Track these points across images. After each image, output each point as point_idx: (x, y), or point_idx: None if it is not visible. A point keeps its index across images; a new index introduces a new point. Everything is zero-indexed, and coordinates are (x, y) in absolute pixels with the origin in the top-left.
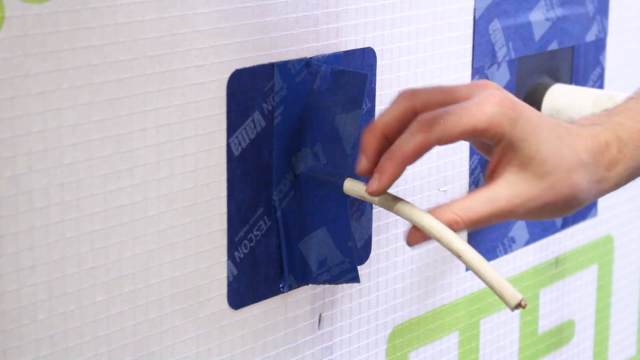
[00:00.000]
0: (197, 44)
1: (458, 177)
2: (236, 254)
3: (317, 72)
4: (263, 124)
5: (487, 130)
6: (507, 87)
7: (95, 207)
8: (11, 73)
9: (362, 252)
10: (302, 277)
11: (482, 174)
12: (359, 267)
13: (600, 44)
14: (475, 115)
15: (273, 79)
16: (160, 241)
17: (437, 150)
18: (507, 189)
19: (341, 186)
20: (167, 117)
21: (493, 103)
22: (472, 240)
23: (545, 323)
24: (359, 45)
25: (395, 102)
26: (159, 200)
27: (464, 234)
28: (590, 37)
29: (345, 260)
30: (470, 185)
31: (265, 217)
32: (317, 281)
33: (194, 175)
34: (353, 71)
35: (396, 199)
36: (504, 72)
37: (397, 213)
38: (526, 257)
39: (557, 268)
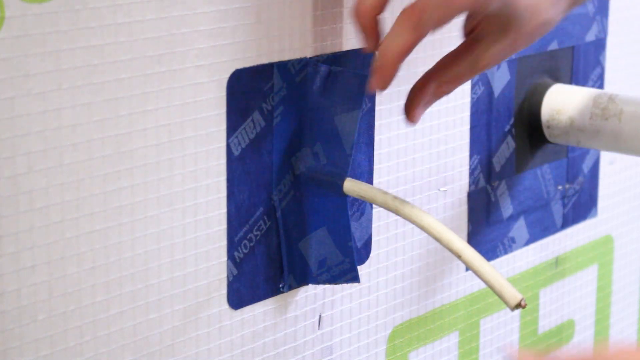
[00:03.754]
0: (197, 43)
1: (458, 177)
2: (236, 254)
3: (316, 72)
4: (263, 124)
5: (472, 10)
6: (507, 87)
7: (95, 207)
8: (11, 73)
9: (362, 252)
10: (302, 277)
11: (482, 174)
12: (359, 267)
13: (600, 44)
14: (456, 2)
15: (273, 79)
16: (160, 241)
17: (437, 150)
18: (488, 50)
19: (341, 186)
20: (167, 117)
21: None
22: (472, 240)
23: (545, 323)
24: (359, 45)
25: None
26: (159, 201)
27: (464, 234)
28: (590, 37)
29: (345, 260)
30: (470, 185)
31: (265, 217)
32: (317, 281)
33: (194, 175)
34: (353, 71)
35: (396, 199)
36: (503, 72)
37: (397, 213)
38: (526, 257)
39: (557, 268)
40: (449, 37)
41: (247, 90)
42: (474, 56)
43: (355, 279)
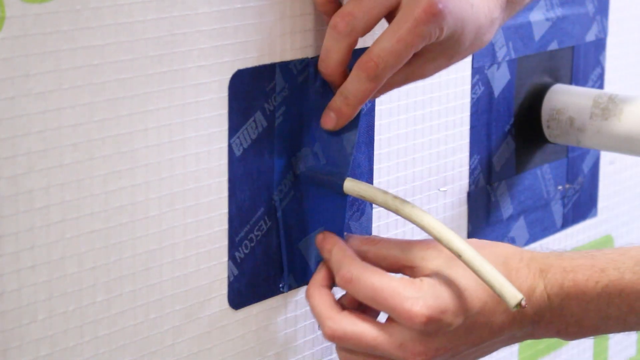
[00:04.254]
0: (199, 44)
1: (458, 177)
2: (237, 254)
3: (317, 72)
4: (265, 124)
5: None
6: (507, 87)
7: (96, 207)
8: (11, 73)
9: None
10: (302, 277)
11: (482, 174)
12: None
13: (600, 44)
14: (408, 47)
15: (275, 79)
16: (161, 241)
17: (437, 150)
18: (425, 65)
19: (341, 185)
20: (168, 118)
21: (423, 20)
22: None
23: None
24: (359, 45)
25: (336, 41)
26: (160, 201)
27: (464, 234)
28: (590, 37)
29: None
30: (470, 185)
31: (266, 217)
32: None
33: (195, 175)
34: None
35: (396, 199)
36: (504, 72)
37: (398, 212)
38: None
39: None
40: None
41: (249, 90)
42: (411, 69)
43: None
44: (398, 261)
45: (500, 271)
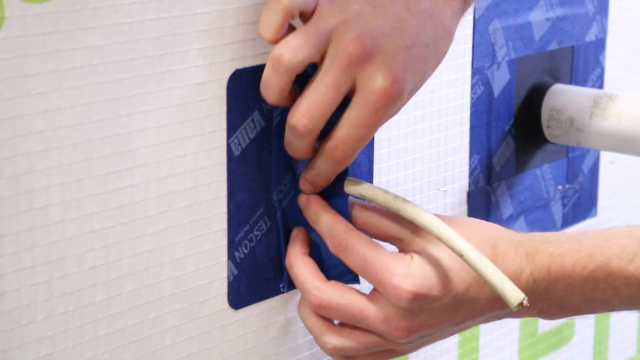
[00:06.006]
0: (197, 44)
1: (458, 177)
2: (236, 254)
3: (314, 71)
4: (263, 123)
5: None
6: (507, 87)
7: (96, 207)
8: (11, 73)
9: None
10: None
11: (481, 174)
12: None
13: (600, 44)
14: (372, 132)
15: None
16: (161, 241)
17: (437, 150)
18: None
19: (342, 185)
20: (167, 117)
21: (382, 104)
22: None
23: (545, 323)
24: None
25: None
26: (159, 200)
27: None
28: (590, 37)
29: None
30: (470, 185)
31: (266, 217)
32: None
33: (194, 175)
34: None
35: (397, 198)
36: (504, 72)
37: (399, 212)
38: None
39: None
40: None
41: (247, 90)
42: None
43: (355, 279)
44: (387, 232)
45: (488, 254)
